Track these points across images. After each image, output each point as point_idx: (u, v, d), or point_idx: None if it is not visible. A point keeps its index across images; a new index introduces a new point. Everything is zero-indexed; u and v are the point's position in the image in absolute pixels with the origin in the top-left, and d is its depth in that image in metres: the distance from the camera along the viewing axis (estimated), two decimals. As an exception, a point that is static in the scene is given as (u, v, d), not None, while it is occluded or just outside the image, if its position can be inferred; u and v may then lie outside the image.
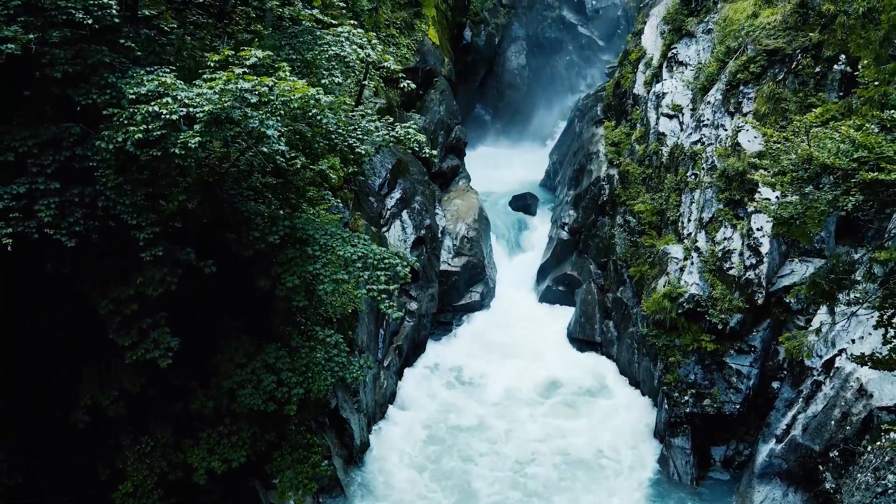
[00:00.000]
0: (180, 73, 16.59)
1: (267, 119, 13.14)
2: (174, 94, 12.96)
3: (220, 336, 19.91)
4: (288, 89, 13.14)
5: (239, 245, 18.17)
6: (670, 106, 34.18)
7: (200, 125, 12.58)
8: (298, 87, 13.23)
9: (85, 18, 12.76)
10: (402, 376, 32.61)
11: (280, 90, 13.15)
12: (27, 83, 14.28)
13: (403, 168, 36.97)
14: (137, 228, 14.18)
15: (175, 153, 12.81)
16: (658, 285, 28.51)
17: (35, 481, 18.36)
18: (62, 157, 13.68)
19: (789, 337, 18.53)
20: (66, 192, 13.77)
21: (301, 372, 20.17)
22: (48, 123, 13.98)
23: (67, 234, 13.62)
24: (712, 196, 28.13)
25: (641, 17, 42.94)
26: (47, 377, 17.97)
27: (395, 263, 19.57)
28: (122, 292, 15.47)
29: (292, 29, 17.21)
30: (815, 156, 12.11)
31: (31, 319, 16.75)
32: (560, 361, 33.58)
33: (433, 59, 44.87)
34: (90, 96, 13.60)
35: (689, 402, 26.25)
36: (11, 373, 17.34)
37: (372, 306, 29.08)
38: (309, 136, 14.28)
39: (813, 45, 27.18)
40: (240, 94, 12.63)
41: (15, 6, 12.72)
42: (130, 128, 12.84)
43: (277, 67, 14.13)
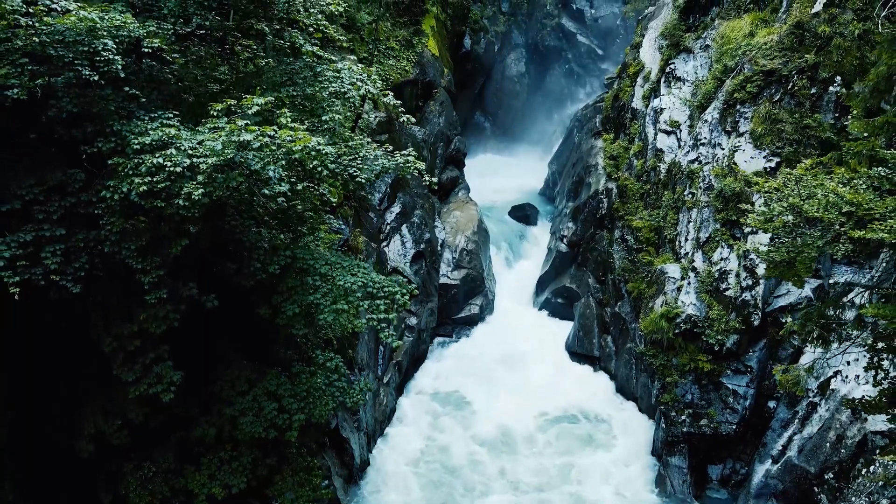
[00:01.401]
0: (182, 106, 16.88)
1: (268, 165, 13.37)
2: (178, 145, 13.20)
3: (221, 363, 20.18)
4: (289, 139, 13.37)
5: (240, 275, 18.42)
6: (668, 122, 34.42)
7: (204, 176, 12.82)
8: (300, 139, 13.46)
9: (91, 75, 13.00)
10: (403, 391, 32.85)
11: (282, 139, 13.38)
12: (33, 126, 14.51)
13: (403, 182, 37.16)
14: (142, 273, 14.44)
15: (179, 204, 13.06)
16: (655, 305, 28.76)
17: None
18: (67, 204, 13.94)
19: (784, 370, 18.75)
20: (71, 237, 14.03)
21: (302, 398, 20.45)
22: (54, 166, 14.23)
23: (73, 279, 13.87)
24: (709, 216, 28.35)
25: (640, 30, 43.16)
26: (51, 407, 18.21)
27: (395, 291, 19.81)
28: (125, 329, 15.74)
29: (293, 65, 17.43)
30: (805, 209, 12.37)
31: (34, 352, 16.98)
32: (558, 378, 33.71)
33: (433, 70, 45.02)
34: (95, 145, 13.84)
35: (686, 422, 26.50)
36: (15, 403, 17.57)
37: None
38: (310, 167, 14.45)
39: (809, 66, 27.38)
40: (243, 145, 12.87)
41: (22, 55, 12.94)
42: (135, 179, 13.09)
43: (279, 114, 14.37)
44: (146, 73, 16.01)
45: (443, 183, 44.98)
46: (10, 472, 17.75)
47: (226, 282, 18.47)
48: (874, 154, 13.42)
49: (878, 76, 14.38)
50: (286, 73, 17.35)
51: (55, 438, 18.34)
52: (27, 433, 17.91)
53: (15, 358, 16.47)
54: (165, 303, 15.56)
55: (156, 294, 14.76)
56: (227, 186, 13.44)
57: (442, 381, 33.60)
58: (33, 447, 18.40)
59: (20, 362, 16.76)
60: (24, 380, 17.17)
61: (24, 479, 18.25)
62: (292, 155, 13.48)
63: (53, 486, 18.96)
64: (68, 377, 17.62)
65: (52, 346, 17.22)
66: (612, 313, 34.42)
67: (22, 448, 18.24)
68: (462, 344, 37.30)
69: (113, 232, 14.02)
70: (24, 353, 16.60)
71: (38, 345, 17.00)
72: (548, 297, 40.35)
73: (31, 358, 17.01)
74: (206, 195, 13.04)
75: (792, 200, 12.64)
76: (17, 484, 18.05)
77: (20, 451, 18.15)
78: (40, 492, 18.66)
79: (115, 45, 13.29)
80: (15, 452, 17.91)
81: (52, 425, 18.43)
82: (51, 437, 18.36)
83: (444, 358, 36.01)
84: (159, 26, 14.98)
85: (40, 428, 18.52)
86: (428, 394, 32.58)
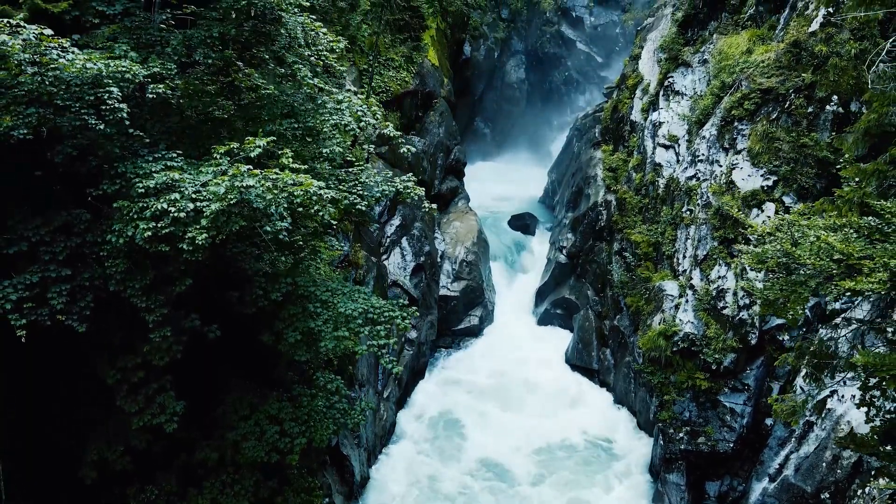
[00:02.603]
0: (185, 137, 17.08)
1: (270, 206, 13.59)
2: (182, 190, 13.42)
3: (223, 388, 20.41)
4: (291, 182, 13.58)
5: (242, 303, 18.63)
6: (667, 136, 34.60)
7: (208, 220, 13.03)
8: (302, 182, 13.66)
9: (97, 124, 13.20)
10: (403, 405, 33.07)
11: (284, 182, 13.59)
12: (38, 163, 14.71)
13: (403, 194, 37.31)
14: (147, 311, 14.65)
15: (183, 248, 13.27)
16: (654, 322, 28.97)
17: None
18: (73, 244, 14.16)
19: (778, 400, 18.95)
20: (76, 276, 14.25)
21: (303, 421, 20.69)
22: (59, 206, 14.44)
23: (79, 318, 14.09)
24: (707, 233, 28.55)
25: (638, 41, 43.33)
26: (55, 435, 18.42)
27: (395, 316, 20.04)
28: (129, 361, 15.97)
29: (294, 96, 17.62)
30: (797, 255, 12.58)
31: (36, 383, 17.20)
32: (557, 394, 33.84)
33: (432, 80, 45.19)
34: (101, 187, 14.05)
35: (683, 440, 26.71)
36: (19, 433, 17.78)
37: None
38: (312, 212, 14.66)
39: (806, 85, 27.53)
40: (245, 191, 13.09)
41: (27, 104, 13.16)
42: (140, 224, 13.31)
43: (281, 153, 14.57)
44: (149, 106, 16.22)
45: (442, 193, 45.18)
46: (14, 502, 17.97)
47: (228, 309, 18.68)
48: (865, 201, 13.63)
49: (868, 122, 14.56)
50: (287, 105, 17.56)
51: (59, 466, 18.54)
52: (31, 462, 18.11)
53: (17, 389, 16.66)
54: (168, 335, 15.76)
55: (160, 332, 15.00)
56: (229, 230, 13.65)
57: (440, 399, 33.55)
58: (37, 475, 18.60)
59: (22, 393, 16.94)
60: (27, 410, 17.36)
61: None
62: (295, 199, 13.70)
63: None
64: (71, 406, 17.80)
65: (54, 377, 17.42)
66: (611, 326, 34.63)
67: (25, 476, 18.45)
68: (462, 356, 37.50)
69: (117, 272, 14.23)
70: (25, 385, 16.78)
71: (40, 376, 17.21)
72: (547, 308, 40.57)
73: (34, 389, 17.20)
74: (209, 238, 13.26)
75: (785, 246, 12.86)
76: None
77: (24, 479, 18.35)
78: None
79: (121, 90, 13.51)
80: (19, 481, 18.12)
81: (56, 453, 18.64)
82: (54, 465, 18.56)
83: (444, 370, 36.23)
84: (163, 66, 15.14)
85: (44, 456, 18.73)
86: (426, 416, 32.38)
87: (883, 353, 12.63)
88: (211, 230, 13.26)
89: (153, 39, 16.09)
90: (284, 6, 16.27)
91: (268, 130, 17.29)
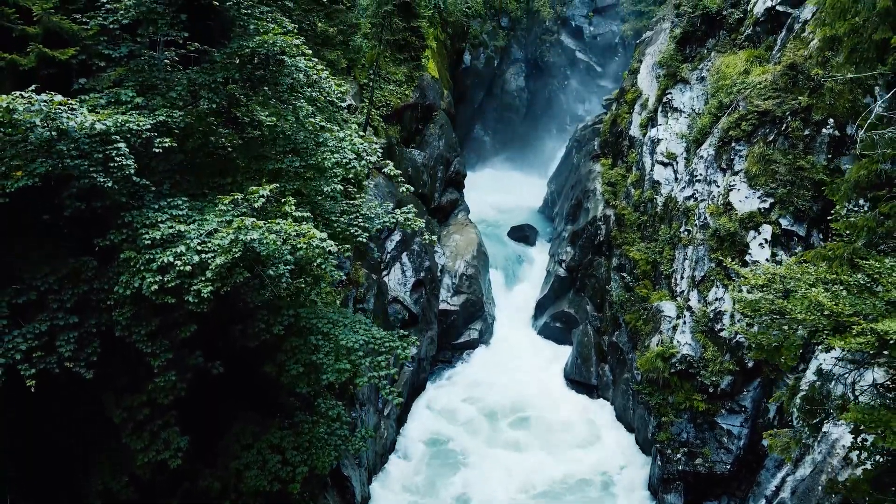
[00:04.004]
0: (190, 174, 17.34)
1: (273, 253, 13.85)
2: (188, 242, 13.69)
3: (226, 417, 20.67)
4: (294, 234, 13.84)
5: (245, 336, 18.88)
6: (665, 153, 34.87)
7: (212, 273, 13.31)
8: (305, 233, 13.92)
9: (105, 182, 13.47)
10: (403, 421, 33.32)
11: (287, 234, 13.84)
12: (45, 207, 14.96)
13: (404, 202, 37.63)
14: (152, 356, 14.92)
15: (189, 301, 13.54)
16: (652, 343, 29.25)
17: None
18: (81, 292, 14.44)
19: (773, 434, 19.21)
20: (83, 323, 14.52)
21: (305, 449, 20.93)
22: (67, 253, 14.71)
23: (86, 365, 14.37)
24: (704, 254, 28.81)
25: (637, 55, 43.60)
26: (59, 465, 18.68)
27: (396, 346, 20.29)
28: (135, 399, 16.23)
29: (296, 134, 17.88)
30: (789, 310, 12.85)
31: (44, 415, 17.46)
32: (557, 410, 34.06)
33: (432, 93, 45.43)
34: (108, 238, 14.33)
35: (681, 460, 27.00)
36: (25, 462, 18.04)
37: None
38: (314, 265, 14.96)
39: (802, 108, 27.79)
40: (249, 244, 13.35)
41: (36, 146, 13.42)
42: (146, 276, 13.58)
43: (284, 201, 14.84)
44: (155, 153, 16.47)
45: (442, 205, 45.46)
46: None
47: (231, 342, 18.93)
48: (854, 256, 13.91)
49: (858, 177, 14.83)
50: (290, 143, 17.82)
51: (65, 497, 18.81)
52: (35, 494, 18.38)
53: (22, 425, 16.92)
54: (173, 379, 16.04)
55: (165, 377, 15.28)
56: (234, 282, 13.93)
57: (439, 421, 33.60)
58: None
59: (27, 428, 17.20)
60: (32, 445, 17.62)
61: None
62: (298, 252, 13.96)
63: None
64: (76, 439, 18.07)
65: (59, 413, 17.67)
66: (610, 342, 34.90)
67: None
68: (461, 371, 37.71)
69: (123, 318, 14.50)
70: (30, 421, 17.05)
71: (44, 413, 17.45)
72: (546, 322, 40.83)
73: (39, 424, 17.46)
74: (213, 291, 13.53)
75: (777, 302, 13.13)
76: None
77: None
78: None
79: (128, 142, 13.79)
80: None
81: (61, 485, 18.89)
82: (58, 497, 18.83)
83: (444, 386, 36.46)
84: (168, 114, 15.39)
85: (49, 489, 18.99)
86: (424, 441, 32.33)
87: (873, 406, 12.90)
88: (216, 282, 13.53)
89: (158, 82, 16.34)
90: (287, 50, 16.51)
91: (270, 169, 17.57)
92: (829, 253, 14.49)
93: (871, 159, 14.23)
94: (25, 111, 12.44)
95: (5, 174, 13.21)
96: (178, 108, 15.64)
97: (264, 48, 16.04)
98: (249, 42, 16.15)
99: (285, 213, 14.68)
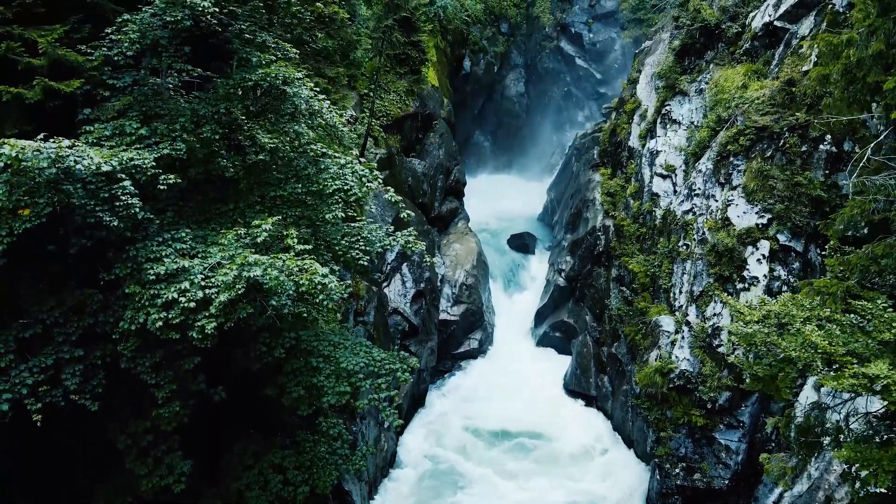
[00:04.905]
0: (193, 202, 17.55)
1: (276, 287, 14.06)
2: (192, 279, 13.89)
3: (228, 437, 20.87)
4: (297, 269, 14.05)
5: (247, 360, 19.08)
6: (664, 165, 35.05)
7: (216, 308, 13.52)
8: (307, 269, 14.13)
9: (112, 221, 13.68)
10: (404, 431, 33.51)
11: (290, 270, 14.05)
12: (51, 238, 15.15)
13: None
14: (157, 388, 15.12)
15: (193, 336, 13.75)
16: (650, 358, 29.45)
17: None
18: (86, 324, 14.64)
19: (768, 459, 19.42)
20: (89, 356, 14.72)
21: (306, 468, 21.14)
22: (73, 285, 14.91)
23: (91, 397, 14.58)
24: (703, 269, 28.99)
25: (636, 65, 43.75)
26: (64, 489, 18.89)
27: (396, 368, 20.50)
28: (139, 426, 16.45)
29: (298, 160, 18.08)
30: (783, 347, 13.06)
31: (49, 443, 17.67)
32: (556, 424, 34.16)
33: (433, 102, 45.62)
34: (113, 272, 14.53)
35: (680, 475, 27.21)
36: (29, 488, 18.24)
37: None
38: (316, 301, 15.18)
39: (800, 124, 27.95)
40: (252, 280, 13.56)
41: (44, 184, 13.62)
42: (152, 312, 13.79)
43: (286, 234, 15.04)
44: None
45: (442, 214, 45.65)
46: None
47: (233, 365, 19.14)
48: (847, 297, 14.10)
49: (852, 216, 15.01)
50: (292, 169, 18.02)
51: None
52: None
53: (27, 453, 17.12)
54: (175, 401, 16.25)
55: (169, 408, 15.48)
56: (237, 317, 14.15)
57: (438, 437, 33.60)
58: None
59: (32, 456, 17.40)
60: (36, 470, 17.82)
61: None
62: (300, 288, 14.17)
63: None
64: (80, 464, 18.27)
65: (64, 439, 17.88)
66: (609, 354, 35.10)
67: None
68: (461, 382, 37.87)
69: (128, 351, 14.71)
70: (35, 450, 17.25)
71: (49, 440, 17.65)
72: (546, 331, 41.03)
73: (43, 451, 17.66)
74: (217, 327, 13.75)
75: (772, 337, 13.34)
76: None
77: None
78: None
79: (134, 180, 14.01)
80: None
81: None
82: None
83: (444, 396, 36.65)
84: (172, 147, 15.58)
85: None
86: (423, 455, 32.39)
87: (866, 442, 13.10)
88: (219, 318, 13.73)
89: (162, 111, 16.52)
90: (290, 80, 16.70)
91: (272, 195, 17.77)
92: (823, 288, 14.68)
93: (864, 199, 14.43)
94: (34, 158, 12.63)
95: (12, 211, 13.40)
96: (182, 139, 15.79)
97: (267, 81, 16.24)
98: (252, 74, 16.35)
99: (287, 247, 14.87)
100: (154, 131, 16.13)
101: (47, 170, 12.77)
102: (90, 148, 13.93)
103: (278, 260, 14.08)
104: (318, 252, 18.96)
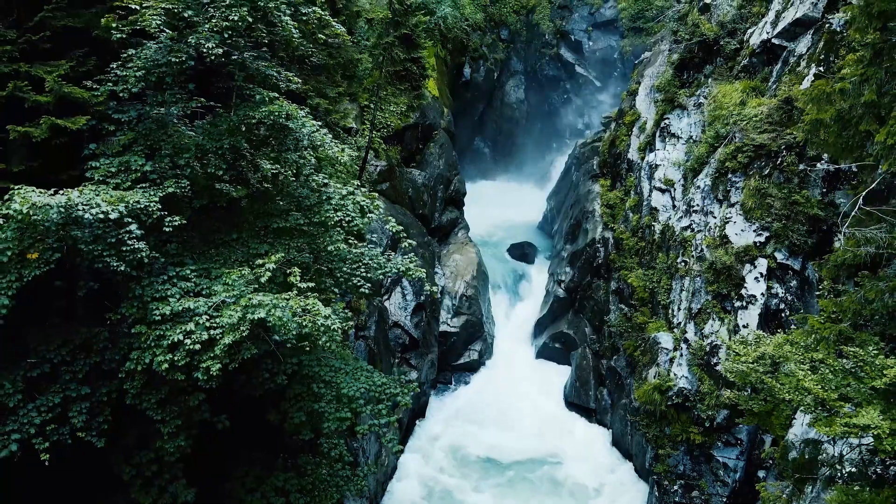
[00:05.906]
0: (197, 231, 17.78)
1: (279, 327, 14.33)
2: (197, 320, 14.14)
3: (231, 460, 21.12)
4: (301, 311, 14.29)
5: (249, 386, 19.33)
6: (663, 180, 35.27)
7: (221, 350, 13.77)
8: (310, 312, 14.36)
9: (119, 265, 13.93)
10: (404, 445, 33.72)
11: (293, 310, 14.28)
12: (57, 273, 15.39)
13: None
14: (162, 423, 15.37)
15: (198, 377, 14.00)
16: (649, 375, 29.69)
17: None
18: (93, 362, 14.88)
19: (766, 486, 19.66)
20: (95, 393, 14.97)
21: (308, 491, 21.42)
22: (79, 322, 15.14)
23: (97, 434, 14.82)
24: (701, 286, 29.22)
25: (635, 76, 43.96)
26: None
27: (396, 393, 20.75)
28: (143, 457, 16.70)
29: (299, 190, 18.32)
30: (777, 389, 13.30)
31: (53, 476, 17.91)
32: (558, 445, 34.18)
33: (433, 112, 45.79)
34: (118, 311, 14.77)
35: (678, 493, 27.48)
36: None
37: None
38: (319, 343, 15.44)
39: (797, 143, 28.16)
40: (255, 320, 13.81)
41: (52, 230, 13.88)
42: (157, 354, 14.04)
43: (290, 272, 15.27)
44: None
45: (442, 225, 45.84)
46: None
47: (235, 392, 19.38)
48: (839, 342, 14.34)
49: (844, 260, 15.26)
50: (294, 200, 18.26)
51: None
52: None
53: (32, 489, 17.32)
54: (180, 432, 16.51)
55: (174, 442, 15.72)
56: (241, 358, 14.41)
57: (437, 453, 33.75)
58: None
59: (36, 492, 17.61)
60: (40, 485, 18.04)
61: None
62: (303, 329, 14.41)
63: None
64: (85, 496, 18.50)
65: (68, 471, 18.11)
66: (608, 367, 35.34)
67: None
68: (461, 395, 38.13)
69: (134, 389, 14.96)
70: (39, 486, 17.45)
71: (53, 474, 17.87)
72: (546, 342, 41.24)
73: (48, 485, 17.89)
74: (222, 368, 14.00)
75: (767, 381, 13.60)
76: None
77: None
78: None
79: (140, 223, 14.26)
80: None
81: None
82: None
83: (444, 410, 36.85)
84: (177, 184, 15.81)
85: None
86: (422, 471, 32.51)
87: (856, 488, 13.35)
88: (224, 359, 13.98)
89: (166, 146, 16.74)
90: (293, 115, 16.94)
91: (275, 228, 18.00)
92: (816, 330, 14.91)
93: (856, 244, 14.67)
94: (44, 213, 12.87)
95: (20, 254, 13.65)
96: (186, 175, 16.03)
97: (270, 118, 16.49)
98: (256, 112, 16.59)
99: (290, 284, 15.11)
100: (158, 167, 16.37)
101: (55, 219, 12.99)
102: (97, 191, 14.15)
103: (282, 300, 14.31)
104: (319, 280, 19.23)
